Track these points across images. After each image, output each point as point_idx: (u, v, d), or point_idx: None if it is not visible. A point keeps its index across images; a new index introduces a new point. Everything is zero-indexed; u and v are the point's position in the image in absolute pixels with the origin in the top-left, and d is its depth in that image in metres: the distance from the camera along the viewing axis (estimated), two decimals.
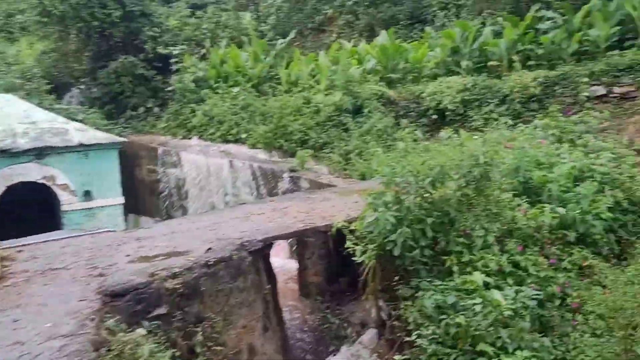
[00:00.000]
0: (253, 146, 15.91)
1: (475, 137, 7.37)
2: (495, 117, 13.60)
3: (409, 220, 6.39)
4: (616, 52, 13.25)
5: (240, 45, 20.44)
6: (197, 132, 17.95)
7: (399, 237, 6.19)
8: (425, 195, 6.43)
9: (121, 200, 15.18)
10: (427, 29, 17.86)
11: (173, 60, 20.22)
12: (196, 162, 15.83)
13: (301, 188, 13.17)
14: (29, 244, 7.73)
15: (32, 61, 24.57)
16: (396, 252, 6.28)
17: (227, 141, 16.85)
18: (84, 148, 14.44)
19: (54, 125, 14.51)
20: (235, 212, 9.09)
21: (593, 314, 6.23)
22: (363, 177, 12.98)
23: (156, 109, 21.67)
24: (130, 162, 16.63)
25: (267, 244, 7.22)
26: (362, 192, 10.26)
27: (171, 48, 20.51)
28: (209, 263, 6.06)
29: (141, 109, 21.67)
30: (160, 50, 20.93)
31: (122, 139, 15.11)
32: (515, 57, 14.05)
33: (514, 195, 7.44)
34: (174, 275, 5.68)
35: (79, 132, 14.57)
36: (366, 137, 13.87)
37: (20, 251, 7.23)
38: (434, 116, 14.39)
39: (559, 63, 13.83)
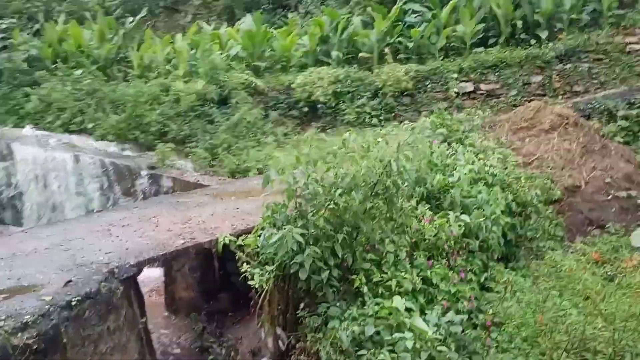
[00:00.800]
0: (102, 138, 14.02)
1: (378, 139, 6.73)
2: (368, 111, 13.28)
3: (316, 238, 5.54)
4: (481, 49, 13.50)
5: (81, 22, 18.08)
6: (31, 119, 15.49)
7: (306, 258, 5.31)
8: (333, 208, 5.62)
9: None
10: (291, 15, 17.11)
11: (1, 35, 17.35)
12: (32, 155, 13.56)
13: (163, 188, 11.75)
14: None
15: None
16: (303, 276, 5.40)
17: (69, 131, 14.71)
18: None
19: None
20: (91, 223, 7.59)
21: (506, 331, 5.89)
22: (233, 175, 11.92)
23: None
24: None
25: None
26: (239, 195, 9.27)
27: None
28: (72, 303, 4.72)
29: None
30: None
31: None
32: (386, 50, 13.76)
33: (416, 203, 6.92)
34: (25, 326, 4.28)
35: None
36: (234, 130, 12.77)
37: None
38: (305, 109, 13.70)
39: (428, 58, 13.79)
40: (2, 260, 5.94)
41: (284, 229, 5.37)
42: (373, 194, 5.85)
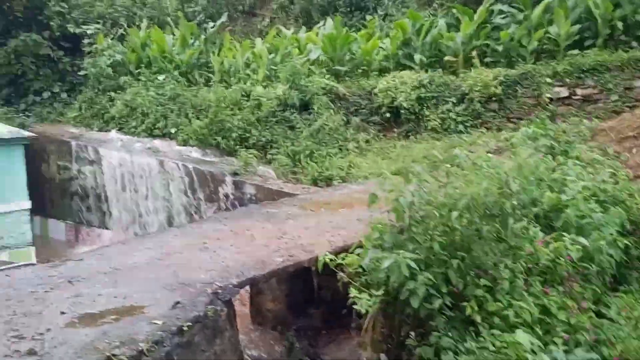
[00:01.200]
0: (184, 143, 14.18)
1: (490, 154, 6.31)
2: (453, 118, 12.78)
3: (427, 263, 5.21)
4: (576, 51, 12.73)
5: (162, 27, 18.38)
6: (116, 124, 15.90)
7: (419, 285, 4.99)
8: (447, 232, 5.27)
9: (27, 204, 12.99)
10: (369, 17, 16.75)
11: (87, 41, 17.86)
12: (118, 159, 13.87)
13: (246, 195, 11.70)
14: None
15: None
16: (415, 304, 5.08)
17: (152, 136, 14.99)
18: None
19: None
20: (185, 235, 7.52)
21: None
22: (315, 182, 11.73)
23: (64, 95, 19.27)
24: (35, 156, 14.34)
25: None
26: (329, 206, 9.04)
27: (85, 27, 18.10)
28: (182, 328, 4.58)
29: (46, 94, 19.18)
30: (71, 28, 18.46)
31: (29, 134, 12.88)
32: (473, 53, 13.21)
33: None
34: (140, 355, 4.16)
35: None
36: (316, 136, 12.58)
37: None
38: (387, 114, 13.33)
39: (518, 61, 13.14)
40: (106, 275, 5.90)
41: (394, 252, 5.07)
42: (489, 215, 5.46)
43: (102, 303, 5.16)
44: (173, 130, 14.54)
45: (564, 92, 12.24)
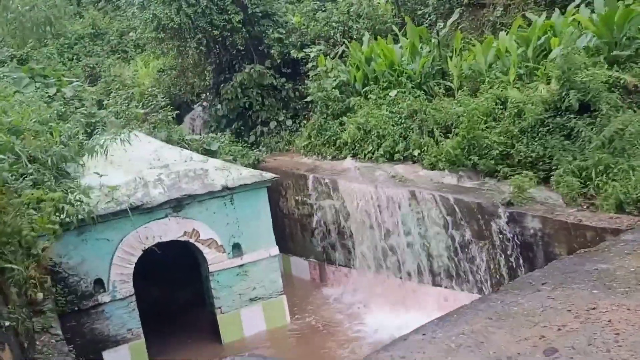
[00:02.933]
0: (432, 166, 12.28)
1: None
2: None
3: None
4: None
5: (384, 37, 16.79)
6: (349, 150, 14.60)
7: None
8: None
9: (275, 251, 12.15)
10: None
11: (310, 64, 17.00)
12: (361, 192, 12.45)
13: (528, 230, 9.36)
14: None
15: (150, 81, 22.62)
16: None
17: (392, 160, 13.37)
18: (228, 192, 11.49)
19: (190, 167, 11.65)
20: (501, 318, 5.50)
21: None
22: (620, 208, 8.97)
23: (289, 122, 18.74)
24: (272, 191, 13.54)
25: None
26: None
27: (308, 50, 17.29)
28: None
29: (272, 124, 18.81)
30: (294, 54, 17.81)
31: (271, 176, 12.02)
32: None
33: None
34: None
35: (220, 172, 11.63)
36: (610, 146, 9.78)
37: None
38: None
39: None
40: None
41: None
42: None
43: None
44: (416, 153, 12.76)
45: None
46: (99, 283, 10.88)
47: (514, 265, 9.66)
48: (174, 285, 13.62)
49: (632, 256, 6.49)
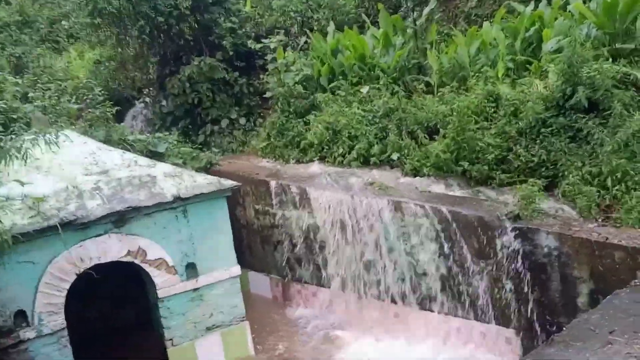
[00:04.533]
0: (415, 173, 10.84)
1: None
2: None
3: None
4: None
5: (349, 28, 15.27)
6: (315, 152, 12.99)
7: None
8: None
9: (237, 270, 10.39)
10: None
11: (269, 57, 15.27)
12: (334, 201, 10.85)
13: (541, 249, 7.99)
14: None
15: (86, 74, 20.26)
16: None
17: (367, 165, 11.87)
18: (180, 203, 9.66)
19: (134, 173, 9.74)
20: None
21: None
22: None
23: (242, 121, 16.90)
24: (228, 199, 11.74)
25: None
26: None
27: (266, 41, 15.53)
28: None
29: (224, 122, 16.92)
30: (251, 45, 16.01)
31: (231, 183, 10.21)
32: None
33: None
34: None
35: (170, 180, 9.78)
36: (626, 150, 8.57)
37: None
38: None
39: None
40: None
41: None
42: None
43: None
44: (395, 157, 11.28)
45: None
46: (21, 316, 8.84)
47: (524, 289, 8.30)
48: (120, 302, 11.72)
49: None
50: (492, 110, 10.42)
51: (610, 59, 9.88)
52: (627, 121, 8.68)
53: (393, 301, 10.19)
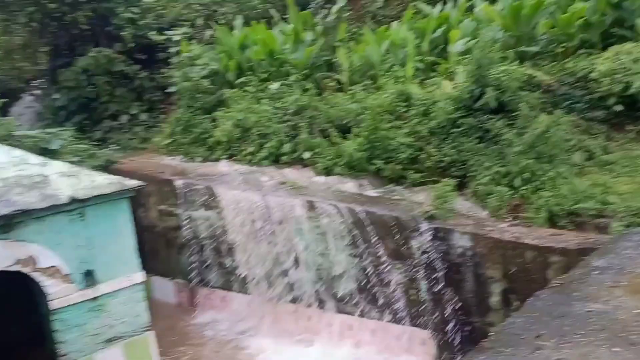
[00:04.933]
0: (328, 172, 10.63)
1: None
2: None
3: None
4: None
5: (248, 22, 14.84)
6: (223, 150, 12.48)
7: None
8: None
9: (140, 277, 9.68)
10: None
11: (174, 49, 14.51)
12: (244, 201, 10.43)
13: (455, 249, 8.03)
14: None
15: None
16: None
17: (277, 163, 11.52)
18: (78, 205, 8.83)
19: (24, 173, 8.81)
20: None
21: None
22: (552, 221, 7.99)
23: (144, 116, 16.02)
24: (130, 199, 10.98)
25: None
26: None
27: (170, 32, 14.74)
28: None
29: (124, 118, 15.95)
30: (153, 36, 15.15)
31: (135, 183, 9.47)
32: None
33: None
34: None
35: (66, 180, 8.91)
36: (533, 151, 8.79)
37: None
38: (618, 107, 9.46)
39: None
40: None
41: None
42: None
43: None
44: (307, 155, 11.02)
45: None
46: None
47: (439, 290, 8.29)
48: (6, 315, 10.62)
49: (621, 290, 5.30)
50: (404, 109, 10.40)
51: (517, 61, 10.16)
52: (533, 122, 8.92)
53: (307, 305, 9.91)
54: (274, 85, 12.41)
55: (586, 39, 10.58)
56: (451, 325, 8.24)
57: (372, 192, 9.88)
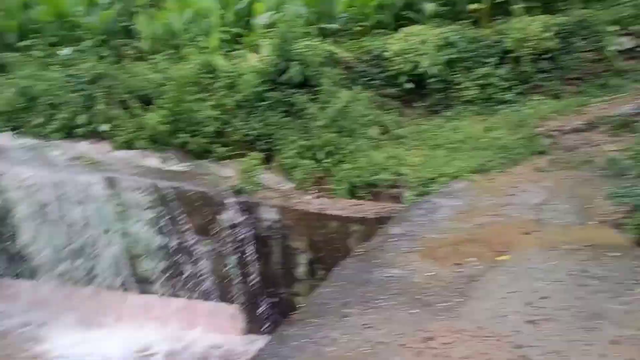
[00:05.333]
0: (128, 145, 9.99)
1: None
2: (494, 83, 10.01)
3: None
4: None
5: None
6: (5, 121, 11.09)
7: None
8: None
9: None
10: None
11: None
12: (31, 179, 9.37)
13: (264, 222, 8.07)
14: None
15: None
16: None
17: (71, 137, 10.55)
18: None
19: None
20: None
21: None
22: (352, 193, 8.43)
23: None
24: None
25: None
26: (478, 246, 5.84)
27: None
28: None
29: None
30: None
31: None
32: None
33: None
34: None
35: None
36: (334, 125, 9.13)
37: None
38: (408, 85, 10.22)
39: (562, 6, 10.56)
40: None
41: None
42: None
43: None
44: (104, 128, 10.23)
45: (628, 42, 9.94)
46: None
47: (247, 264, 8.30)
48: None
49: (415, 255, 5.73)
50: (210, 81, 10.12)
51: (320, 38, 10.43)
52: (334, 97, 9.25)
53: (109, 287, 9.29)
54: (65, 51, 11.30)
55: (381, 20, 11.24)
56: (259, 298, 8.32)
57: (177, 167, 9.51)
